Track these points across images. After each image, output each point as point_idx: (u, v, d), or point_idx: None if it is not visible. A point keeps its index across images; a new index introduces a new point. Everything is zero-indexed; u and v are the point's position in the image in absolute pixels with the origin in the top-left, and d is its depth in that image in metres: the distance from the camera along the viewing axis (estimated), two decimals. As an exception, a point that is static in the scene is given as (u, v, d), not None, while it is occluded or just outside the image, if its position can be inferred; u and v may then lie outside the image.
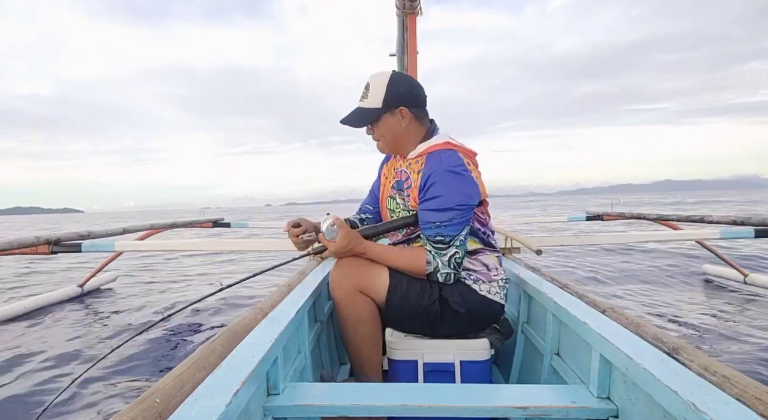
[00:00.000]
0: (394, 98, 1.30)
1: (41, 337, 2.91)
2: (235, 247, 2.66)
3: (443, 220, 1.23)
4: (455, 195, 1.23)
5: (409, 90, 1.33)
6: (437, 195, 1.23)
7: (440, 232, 1.23)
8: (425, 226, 1.26)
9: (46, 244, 2.40)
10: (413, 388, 1.03)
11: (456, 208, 1.22)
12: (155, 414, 0.67)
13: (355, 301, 1.29)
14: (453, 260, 1.25)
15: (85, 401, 1.97)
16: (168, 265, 6.38)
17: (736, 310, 3.33)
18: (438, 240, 1.24)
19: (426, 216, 1.26)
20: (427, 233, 1.26)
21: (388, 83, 1.30)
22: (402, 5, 2.99)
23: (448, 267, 1.25)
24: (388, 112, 1.32)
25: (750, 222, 2.68)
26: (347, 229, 1.29)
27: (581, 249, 6.18)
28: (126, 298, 4.16)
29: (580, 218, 4.43)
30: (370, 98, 1.32)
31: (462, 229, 1.25)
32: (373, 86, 1.32)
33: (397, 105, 1.31)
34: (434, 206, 1.24)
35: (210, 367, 0.83)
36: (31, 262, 6.82)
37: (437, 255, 1.25)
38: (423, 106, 1.37)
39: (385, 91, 1.30)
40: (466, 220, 1.26)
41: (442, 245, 1.24)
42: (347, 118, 1.36)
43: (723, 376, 0.75)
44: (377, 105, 1.31)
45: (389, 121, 1.33)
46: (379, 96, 1.31)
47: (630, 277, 4.66)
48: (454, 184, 1.23)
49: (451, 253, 1.24)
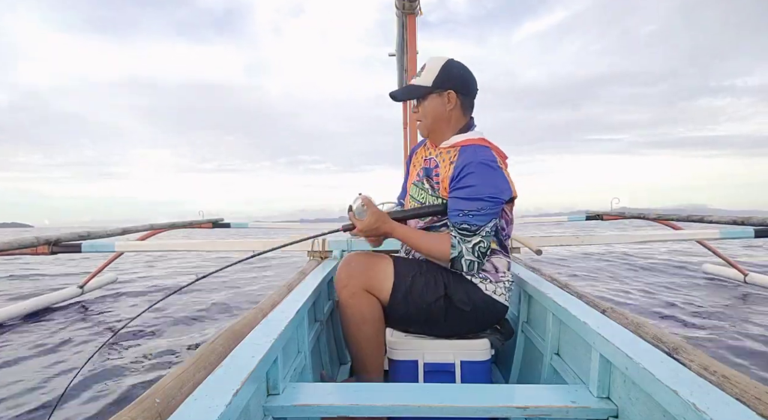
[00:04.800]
0: (444, 80, 1.33)
1: (41, 338, 2.91)
2: (234, 248, 2.66)
3: (472, 209, 1.22)
4: (487, 187, 1.23)
5: (461, 76, 1.36)
6: (470, 185, 1.24)
7: (467, 220, 1.23)
8: (453, 213, 1.26)
9: (46, 245, 2.39)
10: (413, 388, 1.03)
11: (487, 199, 1.23)
12: (155, 414, 0.67)
13: (361, 300, 1.29)
14: (477, 249, 1.24)
15: (85, 401, 1.97)
16: (168, 266, 6.38)
17: (736, 309, 3.33)
18: (464, 228, 1.23)
19: (455, 204, 1.26)
20: (453, 220, 1.25)
21: (443, 65, 1.33)
22: (402, 5, 3.00)
23: (472, 254, 1.23)
24: (435, 92, 1.34)
25: (750, 222, 2.69)
26: (375, 209, 1.30)
27: (580, 249, 6.18)
28: (126, 299, 4.16)
29: (580, 218, 4.44)
30: (422, 77, 1.35)
31: (489, 220, 1.24)
32: (429, 66, 1.35)
33: (447, 88, 1.33)
34: (465, 195, 1.24)
35: (210, 367, 0.83)
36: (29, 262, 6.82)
37: (462, 241, 1.24)
38: (472, 96, 1.40)
39: (439, 71, 1.33)
40: (495, 213, 1.25)
41: (467, 233, 1.23)
42: (397, 91, 1.41)
43: (723, 376, 0.75)
44: (427, 84, 1.34)
45: (435, 101, 1.35)
46: (431, 76, 1.33)
47: (630, 276, 4.66)
48: (488, 177, 1.24)
49: (475, 241, 1.23)
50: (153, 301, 4.00)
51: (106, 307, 3.80)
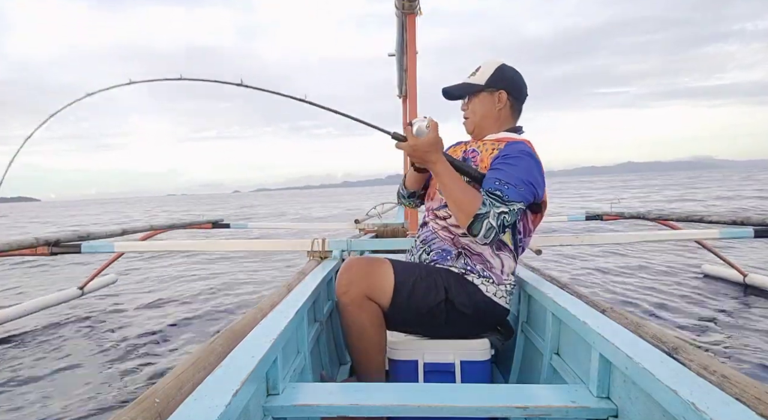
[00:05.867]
0: (498, 80, 1.38)
1: (41, 339, 2.90)
2: (234, 248, 2.66)
3: (509, 181, 1.23)
4: (529, 173, 1.27)
5: (514, 78, 1.41)
6: (513, 164, 1.27)
7: (502, 189, 1.22)
8: (489, 180, 1.26)
9: (46, 245, 2.39)
10: (413, 388, 1.03)
11: (525, 182, 1.25)
12: (155, 414, 0.67)
13: (361, 307, 1.28)
14: (502, 218, 1.21)
15: (85, 401, 1.97)
16: (168, 266, 6.38)
17: (736, 309, 3.33)
18: (496, 195, 1.22)
19: (494, 173, 1.27)
20: (488, 186, 1.25)
21: (497, 67, 1.40)
22: (401, 5, 2.99)
23: (496, 219, 1.21)
24: (487, 90, 1.39)
25: (749, 222, 2.69)
26: (437, 134, 1.26)
27: (579, 249, 6.18)
28: (126, 300, 4.16)
29: (580, 218, 4.44)
30: (477, 76, 1.41)
31: (520, 200, 1.23)
32: (484, 67, 1.41)
33: (499, 88, 1.38)
34: (506, 168, 1.26)
35: (210, 368, 0.83)
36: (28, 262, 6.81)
37: (492, 204, 1.22)
38: (522, 100, 1.44)
39: (493, 71, 1.39)
40: (526, 198, 1.25)
41: (498, 200, 1.22)
42: (450, 88, 1.44)
43: (723, 375, 0.75)
44: (481, 82, 1.39)
45: (486, 99, 1.40)
46: (485, 75, 1.39)
47: (629, 276, 4.67)
48: (532, 166, 1.29)
49: (503, 210, 1.21)
50: (153, 301, 4.00)
51: (106, 308, 3.80)
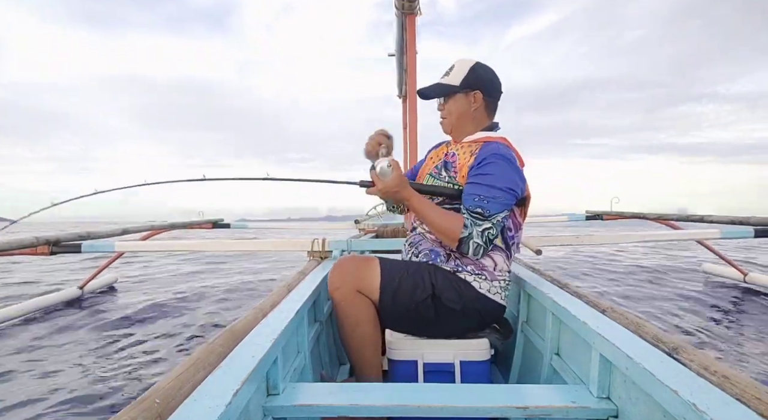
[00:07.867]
0: (472, 81, 1.38)
1: (41, 339, 2.91)
2: (234, 248, 2.66)
3: (488, 195, 1.25)
4: (506, 178, 1.27)
5: (488, 78, 1.41)
6: (489, 173, 1.27)
7: (482, 205, 1.25)
8: (468, 197, 1.28)
9: (46, 245, 2.39)
10: (413, 388, 1.03)
11: (503, 189, 1.26)
12: (155, 414, 0.67)
13: (353, 302, 1.29)
14: (486, 234, 1.25)
15: (85, 401, 1.97)
16: (168, 266, 6.38)
17: (736, 309, 3.33)
18: (477, 212, 1.25)
19: (472, 189, 1.28)
20: (468, 204, 1.27)
21: (471, 67, 1.39)
22: (401, 5, 3.00)
23: (480, 238, 1.25)
24: (462, 92, 1.39)
25: (750, 222, 2.69)
26: (401, 173, 1.31)
27: (579, 248, 6.18)
28: (126, 300, 4.16)
29: (580, 218, 4.44)
30: (451, 76, 1.40)
31: (502, 210, 1.26)
32: (457, 67, 1.40)
33: (474, 88, 1.38)
34: (483, 181, 1.27)
35: (210, 368, 0.83)
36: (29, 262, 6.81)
37: (474, 224, 1.25)
38: (497, 97, 1.44)
39: (467, 72, 1.38)
40: (508, 204, 1.28)
41: (479, 217, 1.25)
42: (425, 88, 1.44)
43: (723, 376, 0.75)
44: (456, 83, 1.39)
45: (461, 101, 1.40)
46: (459, 76, 1.38)
47: (629, 276, 4.67)
48: (507, 169, 1.28)
49: (486, 227, 1.25)
50: (153, 301, 4.00)
51: (105, 308, 3.80)
